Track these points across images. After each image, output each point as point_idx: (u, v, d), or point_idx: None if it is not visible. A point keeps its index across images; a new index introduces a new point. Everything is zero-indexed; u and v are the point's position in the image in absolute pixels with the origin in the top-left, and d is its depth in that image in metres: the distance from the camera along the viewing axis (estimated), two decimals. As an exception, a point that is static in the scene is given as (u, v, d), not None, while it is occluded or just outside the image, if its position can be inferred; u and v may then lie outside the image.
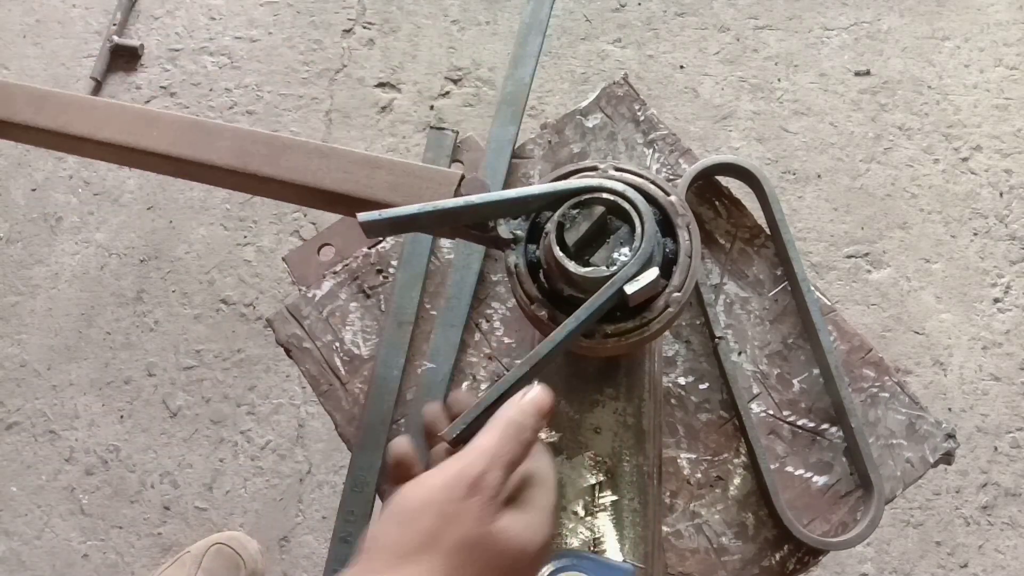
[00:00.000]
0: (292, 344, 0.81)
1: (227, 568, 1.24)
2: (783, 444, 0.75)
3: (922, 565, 1.29)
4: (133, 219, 1.52)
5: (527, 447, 0.49)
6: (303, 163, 0.60)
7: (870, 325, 1.39)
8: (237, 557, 1.25)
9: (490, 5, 1.62)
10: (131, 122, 0.61)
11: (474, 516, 0.46)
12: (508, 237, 0.57)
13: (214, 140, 0.61)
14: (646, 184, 0.58)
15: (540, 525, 0.49)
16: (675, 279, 0.55)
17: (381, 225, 0.55)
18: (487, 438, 0.48)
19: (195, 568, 1.23)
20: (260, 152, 0.60)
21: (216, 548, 1.25)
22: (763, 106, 1.53)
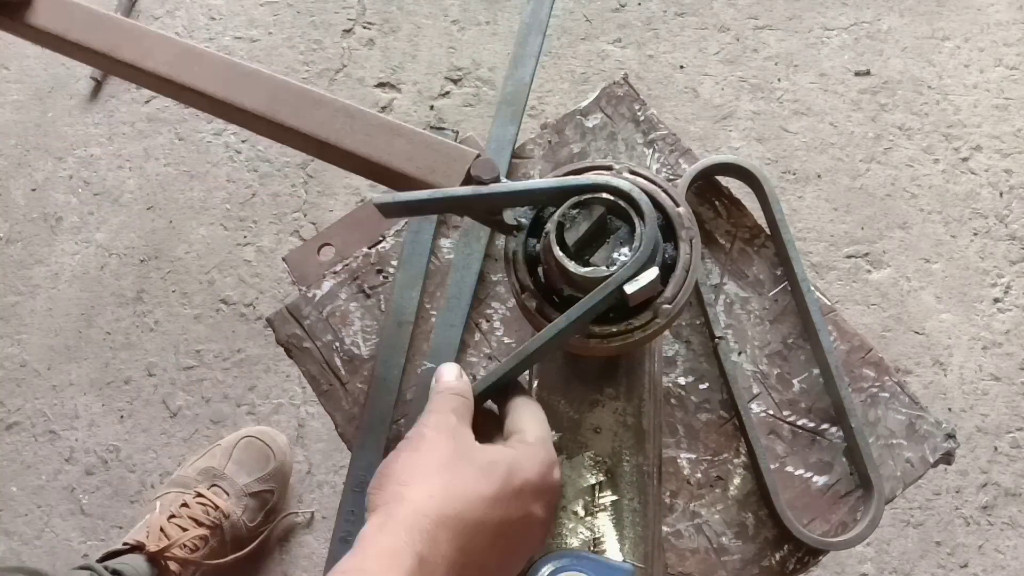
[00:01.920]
0: (292, 344, 0.82)
1: (257, 459, 1.26)
2: (783, 444, 0.75)
3: (922, 565, 1.29)
4: (133, 219, 1.52)
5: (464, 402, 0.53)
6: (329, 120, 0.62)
7: (870, 325, 1.39)
8: (267, 449, 1.27)
9: (490, 5, 1.62)
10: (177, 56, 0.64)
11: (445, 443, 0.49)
12: (512, 224, 0.58)
13: (250, 84, 0.63)
14: (657, 191, 0.58)
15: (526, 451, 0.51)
16: (668, 290, 0.55)
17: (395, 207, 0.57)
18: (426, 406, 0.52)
19: (225, 459, 1.25)
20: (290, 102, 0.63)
21: (246, 440, 1.27)
22: (763, 106, 1.53)
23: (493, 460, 0.49)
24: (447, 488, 0.46)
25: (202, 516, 1.17)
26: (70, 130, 1.58)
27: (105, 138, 1.57)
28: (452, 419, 0.50)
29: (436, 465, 0.47)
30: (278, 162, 1.53)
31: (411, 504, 0.45)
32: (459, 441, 0.49)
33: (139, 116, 1.58)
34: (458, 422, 0.50)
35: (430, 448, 0.48)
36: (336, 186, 1.51)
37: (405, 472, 0.47)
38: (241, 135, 1.56)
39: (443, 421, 0.50)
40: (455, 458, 0.48)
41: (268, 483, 1.25)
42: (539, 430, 0.53)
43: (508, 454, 0.50)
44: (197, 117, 1.57)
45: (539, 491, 0.50)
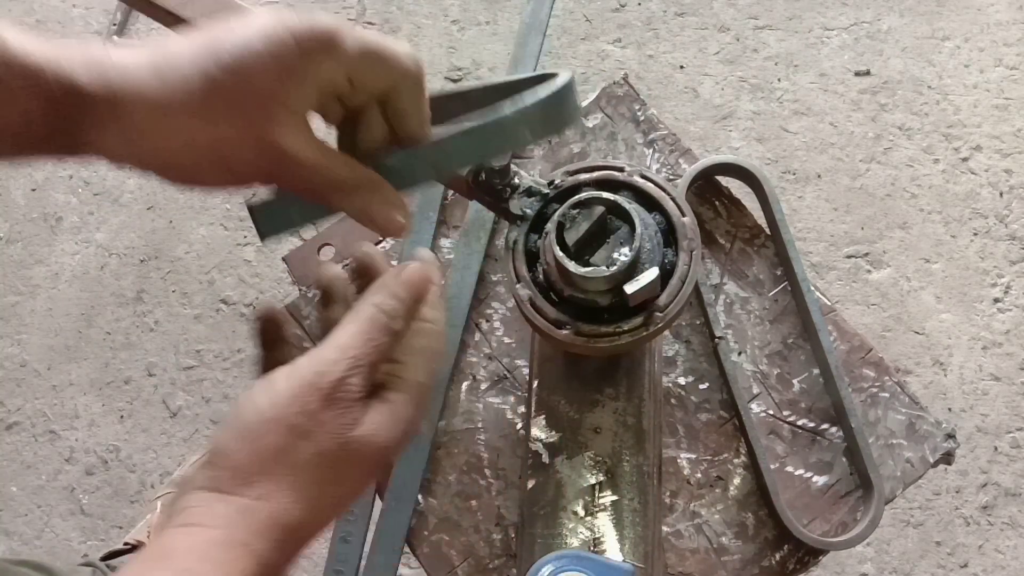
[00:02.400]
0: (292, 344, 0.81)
1: None
2: (783, 444, 0.75)
3: (922, 565, 1.29)
4: (133, 219, 1.52)
5: (396, 336, 0.43)
6: None
7: (870, 325, 1.39)
8: None
9: (490, 5, 1.62)
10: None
11: (329, 429, 0.40)
12: (518, 213, 0.58)
13: None
14: (664, 197, 0.58)
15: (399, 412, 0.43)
16: (662, 298, 0.56)
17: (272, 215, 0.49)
18: (346, 333, 0.42)
19: None
20: None
21: None
22: (763, 106, 1.53)
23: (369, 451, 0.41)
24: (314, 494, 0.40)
25: None
26: (70, 130, 1.58)
27: (105, 138, 1.57)
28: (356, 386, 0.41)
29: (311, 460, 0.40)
30: (278, 162, 1.53)
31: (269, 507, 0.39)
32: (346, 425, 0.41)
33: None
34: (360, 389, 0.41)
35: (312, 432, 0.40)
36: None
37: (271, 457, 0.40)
38: (241, 135, 1.56)
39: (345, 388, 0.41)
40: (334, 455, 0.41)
41: None
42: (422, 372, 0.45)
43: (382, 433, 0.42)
44: (197, 117, 1.57)
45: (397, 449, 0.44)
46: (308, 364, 0.41)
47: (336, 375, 0.40)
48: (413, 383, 0.44)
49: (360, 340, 0.42)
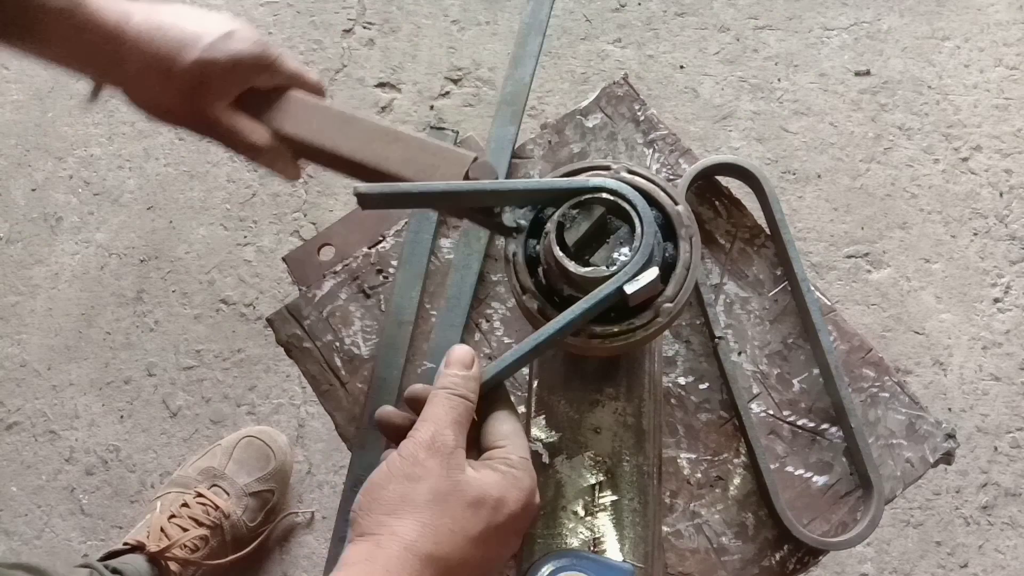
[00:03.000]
0: (292, 344, 0.82)
1: (257, 459, 1.26)
2: (783, 444, 0.75)
3: (922, 565, 1.29)
4: (133, 219, 1.52)
5: (467, 405, 0.52)
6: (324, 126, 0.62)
7: (870, 325, 1.39)
8: (267, 448, 1.27)
9: (490, 5, 1.62)
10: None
11: (437, 472, 0.48)
12: (512, 226, 0.57)
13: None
14: (655, 190, 0.58)
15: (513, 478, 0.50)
16: (669, 289, 0.55)
17: (376, 198, 0.55)
18: (427, 409, 0.51)
19: (226, 459, 1.25)
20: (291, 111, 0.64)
21: (247, 440, 1.27)
22: (763, 106, 1.53)
23: (482, 495, 0.49)
24: (437, 526, 0.47)
25: (202, 516, 1.17)
26: (70, 130, 1.58)
27: (105, 138, 1.57)
28: (449, 437, 0.49)
29: (428, 498, 0.47)
30: (278, 162, 1.53)
31: (400, 540, 0.46)
32: (452, 469, 0.49)
33: (139, 116, 1.58)
34: (455, 441, 0.50)
35: (423, 476, 0.48)
36: (336, 186, 1.51)
37: (395, 502, 0.47)
38: (241, 135, 1.56)
39: (440, 440, 0.49)
40: (447, 492, 0.48)
41: (268, 483, 1.25)
42: (523, 448, 0.53)
43: (496, 486, 0.49)
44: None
45: (520, 521, 0.51)
46: (407, 439, 0.50)
47: (430, 431, 0.49)
48: (515, 458, 0.52)
49: (439, 408, 0.51)
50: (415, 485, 0.47)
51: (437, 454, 0.48)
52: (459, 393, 0.52)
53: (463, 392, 0.52)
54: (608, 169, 0.59)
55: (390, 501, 0.47)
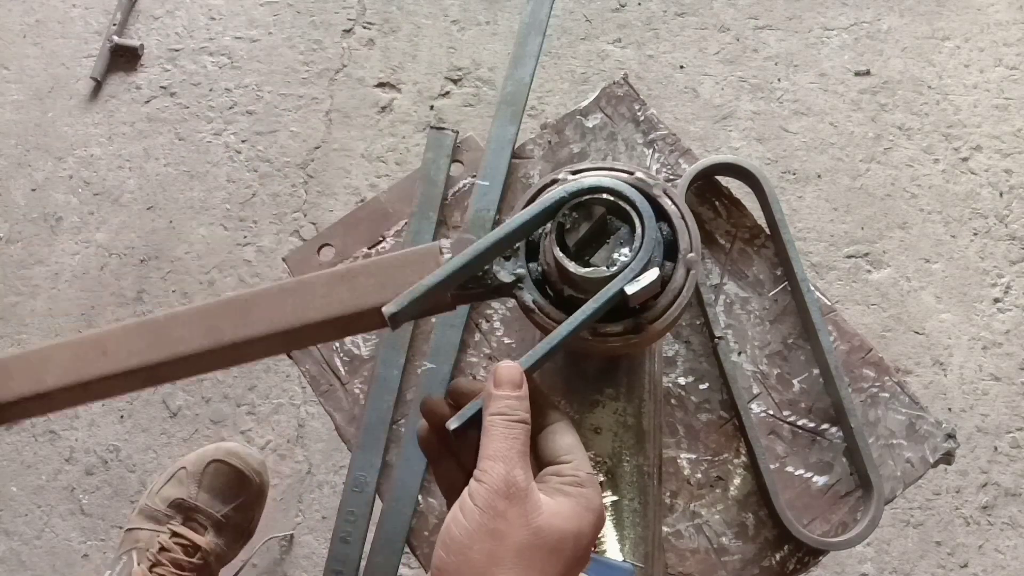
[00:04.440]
0: (292, 344, 0.81)
1: (228, 485, 1.16)
2: (783, 444, 0.75)
3: (922, 565, 1.29)
4: (133, 219, 1.52)
5: (527, 430, 0.49)
6: (276, 308, 0.55)
7: (870, 325, 1.39)
8: (238, 471, 1.17)
9: (490, 5, 1.62)
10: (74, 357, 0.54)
11: (519, 523, 0.46)
12: (511, 280, 0.56)
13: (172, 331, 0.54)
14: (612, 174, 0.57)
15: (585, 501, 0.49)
16: (681, 243, 0.55)
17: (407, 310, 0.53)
18: (488, 443, 0.48)
19: (195, 487, 1.16)
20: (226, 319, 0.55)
21: (214, 466, 1.16)
22: (763, 106, 1.53)
23: (562, 535, 0.47)
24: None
25: (185, 561, 1.10)
26: (70, 130, 1.58)
27: (105, 138, 1.57)
28: (521, 477, 0.47)
29: (514, 555, 0.46)
30: (278, 162, 1.53)
31: None
32: (531, 514, 0.47)
33: (139, 116, 1.58)
34: (526, 476, 0.48)
35: (506, 532, 0.46)
36: (336, 186, 1.51)
37: (483, 563, 0.46)
38: (241, 135, 1.56)
39: (514, 484, 0.47)
40: (532, 544, 0.46)
41: (245, 511, 1.17)
42: (587, 461, 0.51)
43: (572, 518, 0.48)
44: (197, 117, 1.58)
45: (593, 540, 0.50)
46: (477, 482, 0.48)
47: (502, 474, 0.47)
48: (583, 475, 0.50)
49: (503, 442, 0.48)
50: (500, 543, 0.46)
51: (515, 501, 0.47)
52: (517, 419, 0.49)
53: (521, 417, 0.50)
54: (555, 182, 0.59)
55: (478, 562, 0.46)
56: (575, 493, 0.49)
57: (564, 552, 0.47)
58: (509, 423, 0.49)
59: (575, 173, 0.59)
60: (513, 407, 0.50)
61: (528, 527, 0.46)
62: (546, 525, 0.47)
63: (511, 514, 0.46)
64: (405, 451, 0.77)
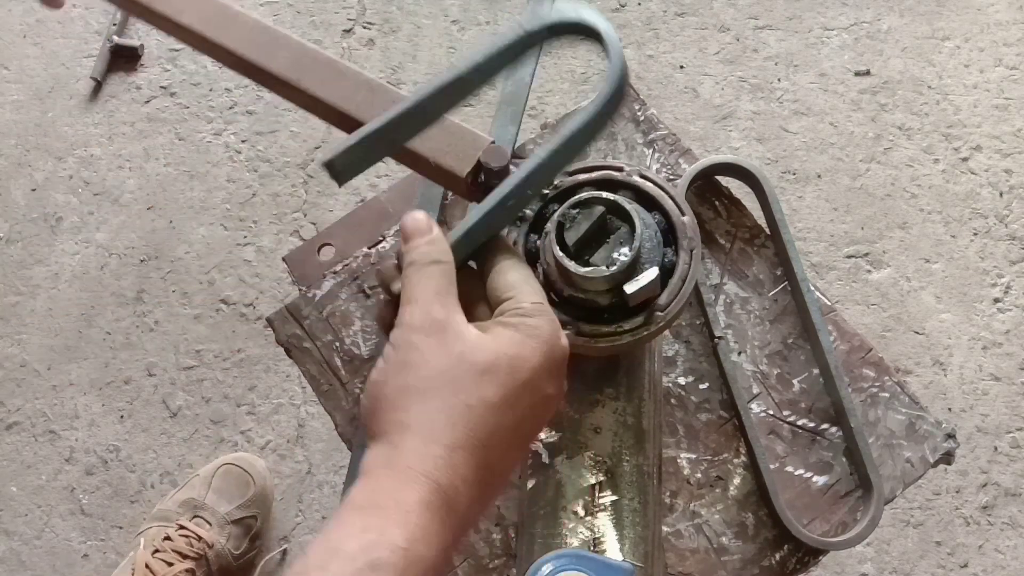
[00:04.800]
0: (292, 344, 0.82)
1: (237, 486, 1.25)
2: (783, 444, 0.75)
3: (922, 565, 1.29)
4: (133, 219, 1.52)
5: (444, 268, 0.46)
6: (351, 92, 0.61)
7: (870, 325, 1.39)
8: (246, 475, 1.26)
9: (490, 5, 1.62)
10: (212, 15, 0.64)
11: (435, 350, 0.43)
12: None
13: (278, 49, 0.63)
14: (663, 197, 0.58)
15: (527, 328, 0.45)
16: (663, 297, 0.56)
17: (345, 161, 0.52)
18: (404, 289, 0.46)
19: (205, 489, 1.23)
20: (316, 71, 0.62)
21: (225, 468, 1.26)
22: (763, 106, 1.53)
23: (493, 357, 0.43)
24: (451, 407, 0.42)
25: (186, 548, 1.16)
26: (70, 130, 1.58)
27: (105, 138, 1.57)
28: (437, 308, 0.44)
29: (432, 382, 0.42)
30: (278, 162, 1.53)
31: (415, 434, 0.42)
32: (451, 341, 0.43)
33: (139, 116, 1.58)
34: (444, 309, 0.44)
35: (422, 361, 0.43)
36: (336, 186, 1.51)
37: (399, 396, 0.43)
38: (241, 135, 1.56)
39: (428, 314, 0.44)
40: (451, 367, 0.43)
41: (250, 509, 1.24)
42: (534, 294, 0.47)
43: (508, 343, 0.44)
44: (197, 117, 1.58)
45: (548, 371, 0.46)
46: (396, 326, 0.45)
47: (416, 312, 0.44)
48: (527, 305, 0.46)
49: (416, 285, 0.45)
50: (415, 372, 0.43)
51: (431, 333, 0.43)
52: (431, 259, 0.46)
53: (435, 257, 0.46)
54: (622, 171, 0.59)
55: (393, 397, 0.43)
56: (515, 323, 0.45)
57: (498, 373, 0.43)
58: (421, 267, 0.46)
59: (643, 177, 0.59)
60: (423, 252, 0.47)
61: (447, 355, 0.43)
62: (470, 350, 0.43)
63: (425, 344, 0.43)
64: (405, 451, 0.77)
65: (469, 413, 0.42)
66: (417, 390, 0.43)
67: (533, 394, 0.45)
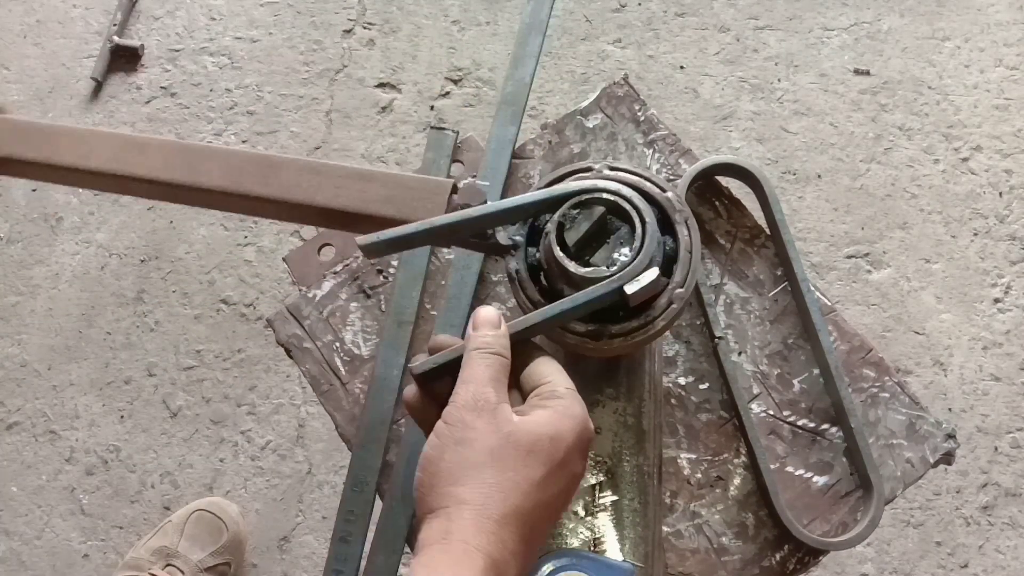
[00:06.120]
0: (292, 344, 0.82)
1: (209, 533, 1.25)
2: (783, 444, 0.75)
3: (922, 565, 1.29)
4: (133, 219, 1.52)
5: (503, 361, 0.52)
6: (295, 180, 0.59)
7: (870, 325, 1.39)
8: (218, 521, 1.26)
9: (490, 5, 1.62)
10: (119, 149, 0.60)
11: (487, 430, 0.48)
12: (507, 244, 0.57)
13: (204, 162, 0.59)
14: (642, 182, 0.58)
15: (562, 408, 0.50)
16: (677, 275, 0.55)
17: (380, 246, 0.55)
18: (464, 371, 0.51)
19: (178, 536, 1.24)
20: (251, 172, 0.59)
21: (197, 514, 1.26)
22: (763, 106, 1.53)
23: (536, 437, 0.48)
24: (501, 483, 0.47)
25: None
26: (70, 130, 1.58)
27: (105, 138, 1.57)
28: (490, 394, 0.49)
29: (485, 458, 0.47)
30: (278, 162, 1.53)
31: (471, 507, 0.46)
32: (501, 422, 0.48)
33: (139, 116, 1.58)
34: (496, 396, 0.49)
35: (475, 439, 0.48)
36: (336, 186, 1.51)
37: (455, 471, 0.47)
38: (241, 135, 1.56)
39: (482, 398, 0.49)
40: (501, 446, 0.48)
41: (223, 555, 1.24)
42: (567, 381, 0.53)
43: (547, 423, 0.49)
44: (198, 118, 1.58)
45: (579, 451, 0.51)
46: (450, 404, 0.50)
47: (471, 392, 0.49)
48: (561, 389, 0.51)
49: (476, 368, 0.51)
50: (469, 449, 0.47)
51: (483, 413, 0.48)
52: (493, 351, 0.51)
53: (497, 350, 0.52)
54: (590, 170, 0.59)
55: (449, 471, 0.47)
56: (551, 404, 0.50)
57: (540, 453, 0.48)
58: (484, 355, 0.51)
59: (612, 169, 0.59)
60: (489, 342, 0.52)
61: (498, 433, 0.48)
62: (516, 430, 0.48)
63: (479, 424, 0.48)
64: (405, 451, 0.77)
65: (516, 489, 0.47)
66: (472, 465, 0.47)
67: (567, 472, 0.50)
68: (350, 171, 0.60)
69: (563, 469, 0.49)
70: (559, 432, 0.49)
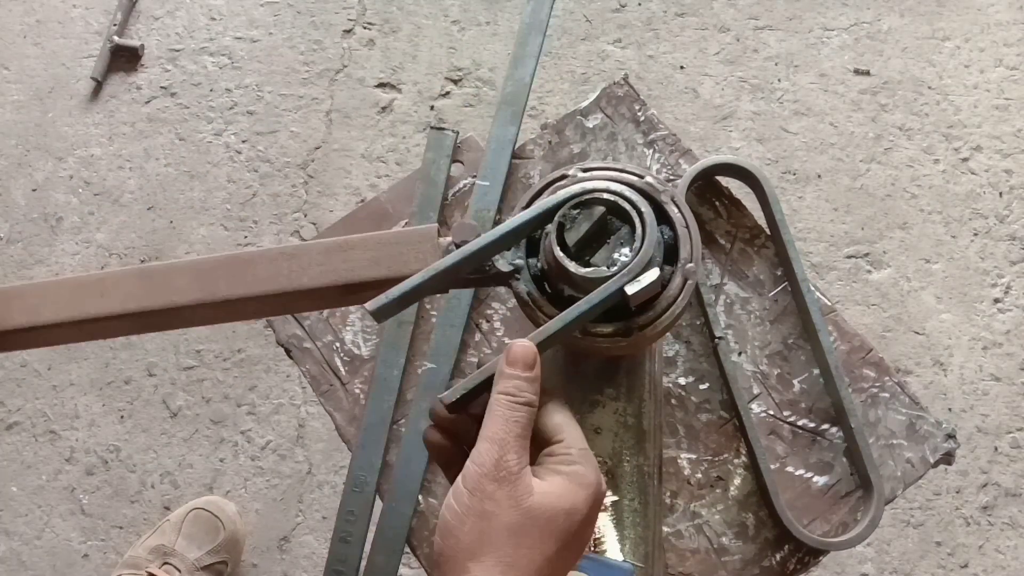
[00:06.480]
0: (292, 344, 0.82)
1: (206, 531, 1.26)
2: (783, 444, 0.75)
3: (922, 565, 1.29)
4: (133, 219, 1.52)
5: (531, 412, 0.49)
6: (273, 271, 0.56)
7: (870, 325, 1.39)
8: (215, 520, 1.27)
9: (490, 5, 1.62)
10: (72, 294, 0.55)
11: (508, 503, 0.47)
12: (510, 270, 0.56)
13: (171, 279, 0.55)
14: (619, 175, 0.57)
15: (577, 477, 0.49)
16: (682, 252, 0.55)
17: (390, 307, 0.53)
18: (489, 424, 0.49)
19: (175, 535, 1.25)
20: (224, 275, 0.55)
21: (194, 513, 1.27)
22: (763, 106, 1.53)
23: (554, 513, 0.48)
24: (517, 559, 0.47)
25: None
26: (70, 130, 1.58)
27: (105, 138, 1.57)
28: (513, 462, 0.48)
29: (504, 534, 0.47)
30: (278, 162, 1.53)
31: None
32: (521, 495, 0.47)
33: (139, 116, 1.58)
34: (519, 461, 0.48)
35: (496, 513, 0.47)
36: (336, 186, 1.51)
37: (474, 546, 0.47)
38: (241, 135, 1.56)
39: (505, 467, 0.48)
40: (521, 523, 0.47)
41: (220, 554, 1.25)
42: (580, 438, 0.51)
43: (564, 495, 0.48)
44: (198, 117, 1.58)
45: (591, 519, 0.50)
46: (471, 463, 0.48)
47: (494, 457, 0.47)
48: (575, 452, 0.50)
49: (501, 424, 0.48)
50: (489, 523, 0.47)
51: (505, 484, 0.47)
52: (523, 401, 0.49)
53: (527, 399, 0.49)
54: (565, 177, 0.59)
55: (469, 544, 0.47)
56: (567, 471, 0.49)
57: (556, 529, 0.48)
58: (513, 404, 0.49)
59: (585, 171, 0.58)
60: (521, 388, 0.49)
61: (518, 508, 0.47)
62: (536, 505, 0.47)
63: (500, 496, 0.47)
64: (405, 451, 0.77)
65: (530, 566, 0.47)
66: (491, 541, 0.47)
67: (578, 543, 0.50)
68: (327, 245, 0.57)
69: (576, 540, 0.49)
70: (575, 506, 0.48)
